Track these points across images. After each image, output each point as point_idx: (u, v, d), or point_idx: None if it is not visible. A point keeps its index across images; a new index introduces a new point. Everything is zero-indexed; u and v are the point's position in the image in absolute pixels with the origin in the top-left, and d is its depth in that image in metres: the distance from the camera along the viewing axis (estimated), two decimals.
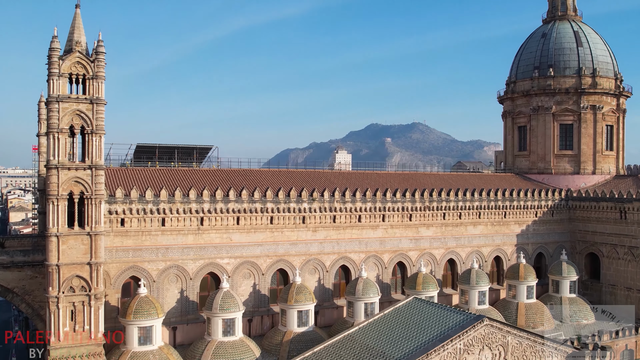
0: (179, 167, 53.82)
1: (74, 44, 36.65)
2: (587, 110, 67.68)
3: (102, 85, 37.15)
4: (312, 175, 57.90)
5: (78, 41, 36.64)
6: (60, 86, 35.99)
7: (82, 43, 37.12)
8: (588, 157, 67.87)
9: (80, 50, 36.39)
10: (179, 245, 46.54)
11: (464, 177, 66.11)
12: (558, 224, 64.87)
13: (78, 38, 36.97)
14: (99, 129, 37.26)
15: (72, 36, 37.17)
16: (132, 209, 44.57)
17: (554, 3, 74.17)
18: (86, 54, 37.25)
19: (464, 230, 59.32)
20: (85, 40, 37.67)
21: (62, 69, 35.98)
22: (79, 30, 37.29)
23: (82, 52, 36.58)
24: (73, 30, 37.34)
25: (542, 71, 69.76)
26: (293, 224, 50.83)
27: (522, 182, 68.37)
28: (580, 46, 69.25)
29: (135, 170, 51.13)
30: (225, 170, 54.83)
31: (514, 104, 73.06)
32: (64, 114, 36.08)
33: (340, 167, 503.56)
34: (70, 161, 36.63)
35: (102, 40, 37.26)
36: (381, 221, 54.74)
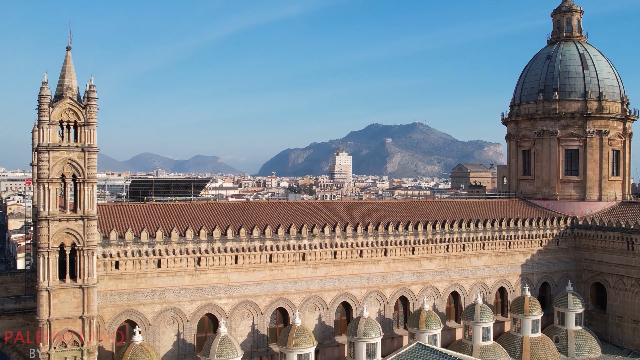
0: (175, 201, 52.54)
1: (64, 89, 35.30)
2: (593, 135, 66.29)
3: (94, 132, 35.81)
4: (311, 207, 56.57)
5: (69, 87, 35.29)
6: (51, 134, 34.65)
7: (74, 88, 35.77)
8: (594, 183, 66.47)
9: (71, 96, 35.04)
10: (175, 286, 45.23)
11: (468, 205, 64.77)
12: (563, 253, 63.55)
13: (69, 83, 35.61)
14: (91, 178, 35.92)
15: (62, 80, 35.83)
16: (127, 251, 43.26)
17: (559, 24, 72.69)
18: (78, 98, 35.92)
19: (468, 262, 58.00)
20: (77, 84, 36.32)
21: (52, 116, 34.64)
22: (70, 75, 35.93)
23: (73, 98, 35.23)
24: (64, 75, 35.98)
25: (547, 94, 68.33)
26: (293, 261, 49.52)
27: (526, 208, 67.03)
28: (586, 69, 67.81)
29: (130, 206, 49.84)
30: (222, 204, 53.55)
31: (518, 127, 71.67)
32: (55, 163, 34.74)
33: (341, 170, 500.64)
34: (61, 212, 35.28)
35: (94, 86, 35.92)
36: (383, 255, 53.41)
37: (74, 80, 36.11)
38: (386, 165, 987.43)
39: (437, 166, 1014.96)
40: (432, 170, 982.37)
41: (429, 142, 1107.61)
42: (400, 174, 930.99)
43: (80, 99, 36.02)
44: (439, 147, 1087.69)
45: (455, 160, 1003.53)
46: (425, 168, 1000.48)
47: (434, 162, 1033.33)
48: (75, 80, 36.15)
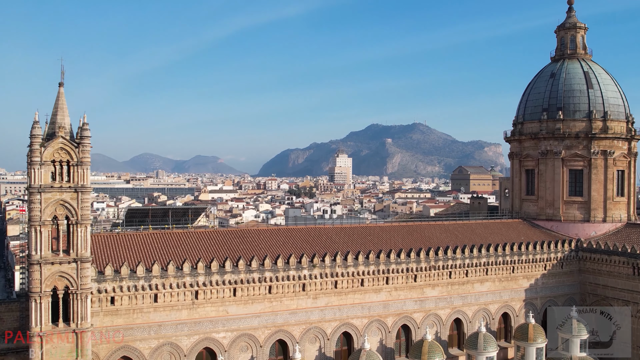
0: (173, 229, 51.45)
1: (57, 127, 34.25)
2: (598, 155, 65.19)
3: (88, 171, 34.74)
4: (311, 233, 55.47)
5: (61, 125, 34.23)
6: (42, 175, 33.58)
7: (66, 126, 34.72)
8: (598, 204, 65.38)
9: (63, 135, 33.98)
10: (172, 321, 44.17)
11: (470, 227, 63.69)
12: (567, 276, 62.51)
13: (61, 121, 34.55)
14: (85, 219, 34.85)
15: (55, 118, 34.77)
16: (122, 286, 42.18)
17: (563, 41, 71.56)
18: (71, 136, 34.85)
19: (471, 288, 56.97)
20: (70, 121, 35.25)
21: (44, 156, 33.58)
22: (63, 112, 34.87)
23: (65, 137, 34.16)
24: (56, 112, 34.92)
25: (551, 114, 67.23)
26: (293, 292, 48.46)
27: (530, 229, 65.97)
28: (591, 88, 66.69)
29: (126, 235, 48.72)
30: (220, 231, 52.47)
31: (522, 145, 70.56)
32: (47, 205, 33.68)
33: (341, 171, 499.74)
34: (53, 255, 34.23)
35: (87, 124, 34.86)
36: (385, 284, 52.36)
37: (67, 117, 35.04)
38: (386, 166, 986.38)
39: (437, 166, 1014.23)
40: (432, 170, 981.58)
41: (429, 142, 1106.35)
42: (400, 174, 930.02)
43: (73, 137, 34.96)
44: (439, 148, 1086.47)
45: (455, 160, 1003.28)
46: (425, 168, 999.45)
47: (434, 162, 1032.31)
48: (67, 118, 35.09)
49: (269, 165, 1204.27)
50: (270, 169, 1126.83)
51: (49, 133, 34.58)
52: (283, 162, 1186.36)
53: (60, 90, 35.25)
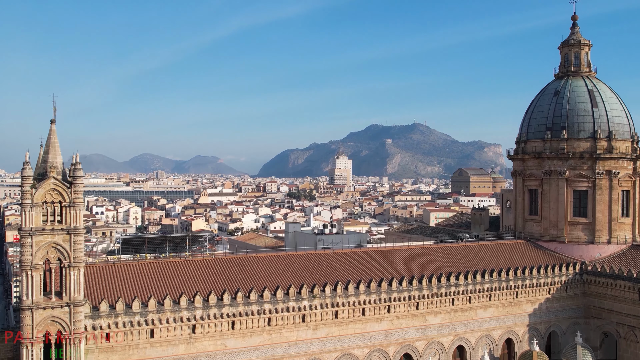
0: (170, 258, 50.37)
1: (48, 167, 33.18)
2: (603, 176, 64.08)
3: (80, 212, 33.65)
4: (311, 260, 54.38)
5: (53, 164, 33.16)
6: (34, 218, 32.50)
7: (58, 165, 33.63)
8: (603, 225, 64.29)
9: (55, 175, 32.89)
10: (169, 356, 43.09)
11: (473, 250, 62.62)
12: (572, 300, 61.44)
13: (53, 160, 33.48)
14: (78, 261, 33.78)
15: (47, 157, 33.69)
16: (117, 322, 41.11)
17: (566, 57, 70.43)
18: (63, 175, 33.76)
19: (474, 314, 55.94)
20: (62, 159, 34.16)
21: (35, 198, 32.51)
22: (55, 150, 33.79)
23: (57, 177, 33.07)
24: (48, 150, 33.85)
25: (555, 133, 66.11)
26: (292, 324, 47.42)
27: (533, 251, 64.90)
28: (595, 107, 65.58)
29: (122, 265, 47.60)
30: (219, 260, 51.34)
31: (525, 164, 69.45)
32: (38, 248, 32.61)
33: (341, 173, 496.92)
34: (45, 299, 33.17)
35: (79, 163, 33.78)
36: (386, 312, 51.33)
37: (59, 155, 33.97)
38: (386, 166, 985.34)
39: (437, 167, 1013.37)
40: (432, 171, 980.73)
41: (429, 142, 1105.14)
42: (400, 174, 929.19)
43: (65, 176, 33.86)
44: (439, 148, 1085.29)
45: (455, 161, 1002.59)
46: (425, 169, 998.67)
47: (434, 162, 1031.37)
48: (60, 156, 34.02)
49: (269, 166, 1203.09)
50: (270, 169, 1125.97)
51: (41, 172, 33.51)
52: (283, 163, 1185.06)
53: (52, 128, 34.15)
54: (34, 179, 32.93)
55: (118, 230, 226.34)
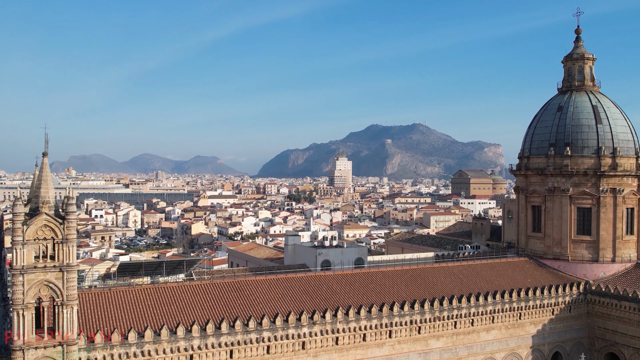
0: (167, 283, 49.33)
1: (40, 202, 32.18)
2: (607, 193, 63.11)
3: (73, 248, 32.67)
4: (311, 283, 53.35)
5: (45, 199, 32.18)
6: (25, 255, 31.52)
7: (51, 200, 32.65)
8: (607, 243, 63.32)
9: (47, 212, 31.89)
10: None
11: (476, 269, 61.60)
12: (576, 320, 60.53)
13: (45, 194, 32.50)
14: (71, 299, 32.81)
15: (38, 191, 32.71)
16: (113, 354, 40.10)
17: (570, 72, 69.42)
18: (56, 210, 32.77)
19: (477, 337, 55.00)
20: (54, 194, 33.18)
21: (27, 235, 31.53)
22: (47, 184, 32.81)
23: (49, 213, 32.07)
24: (40, 184, 32.86)
25: (559, 149, 65.11)
26: (292, 351, 46.45)
27: (537, 270, 63.94)
28: (600, 123, 64.58)
29: (118, 292, 46.54)
30: (217, 284, 50.23)
31: (528, 180, 68.46)
32: (30, 287, 31.64)
33: (341, 175, 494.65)
34: (38, 338, 32.20)
35: (72, 198, 32.79)
36: (388, 337, 50.37)
37: (51, 189, 32.98)
38: (386, 167, 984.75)
39: (437, 167, 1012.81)
40: (432, 171, 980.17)
41: (429, 143, 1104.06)
42: (400, 175, 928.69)
43: (58, 211, 32.87)
44: (439, 148, 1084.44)
45: (455, 161, 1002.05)
46: (425, 169, 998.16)
47: (434, 163, 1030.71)
48: (52, 190, 33.03)
49: (269, 166, 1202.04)
50: (270, 169, 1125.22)
51: (32, 208, 32.53)
52: (283, 163, 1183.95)
53: (44, 161, 33.19)
54: (25, 214, 31.93)
55: (117, 234, 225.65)
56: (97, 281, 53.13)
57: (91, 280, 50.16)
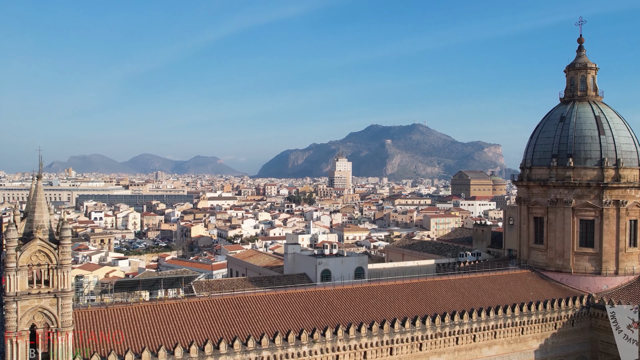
0: (165, 300, 48.63)
1: (34, 226, 31.47)
2: (610, 205, 62.43)
3: (68, 273, 31.98)
4: (311, 299, 52.63)
5: (39, 224, 31.46)
6: (19, 282, 30.83)
7: (45, 224, 31.95)
8: (610, 255, 62.66)
9: (41, 237, 31.19)
10: None
11: (477, 282, 60.96)
12: (578, 334, 59.85)
13: (39, 219, 31.79)
14: (66, 325, 32.13)
15: (32, 216, 32.01)
16: None
17: (572, 81, 68.72)
18: (50, 234, 32.07)
19: (479, 353, 54.32)
20: (48, 217, 32.47)
21: (20, 261, 30.83)
22: (41, 208, 32.11)
23: (44, 238, 31.37)
24: (34, 208, 32.16)
25: (561, 160, 64.44)
26: None
27: (539, 282, 63.29)
28: (603, 134, 63.90)
29: (115, 310, 45.86)
30: (215, 301, 49.52)
31: (530, 191, 67.77)
32: (24, 314, 30.96)
33: (341, 176, 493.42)
34: None
35: (66, 222, 32.08)
36: (389, 355, 49.66)
37: (45, 213, 32.28)
38: (386, 167, 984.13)
39: (437, 167, 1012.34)
40: (431, 171, 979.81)
41: (428, 143, 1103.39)
42: (400, 175, 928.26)
43: (52, 235, 32.18)
44: (439, 148, 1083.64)
45: (455, 161, 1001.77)
46: (425, 169, 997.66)
47: (434, 163, 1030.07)
48: (46, 214, 32.33)
49: (269, 166, 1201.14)
50: (270, 169, 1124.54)
51: (26, 232, 31.83)
52: (283, 163, 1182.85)
53: (39, 184, 32.50)
54: (19, 239, 31.24)
55: (117, 236, 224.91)
56: (95, 295, 52.51)
57: (88, 291, 49.48)
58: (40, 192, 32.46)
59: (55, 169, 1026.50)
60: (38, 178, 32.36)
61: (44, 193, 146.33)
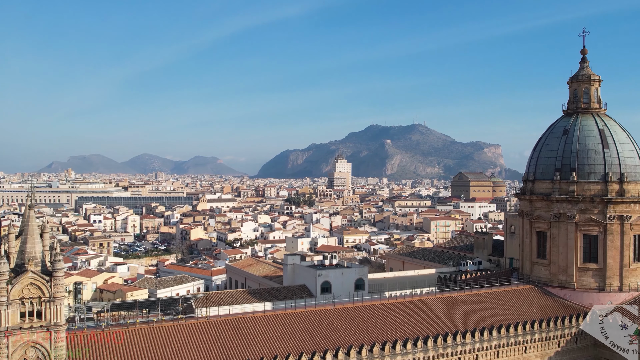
0: (162, 322, 47.70)
1: (26, 258, 30.57)
2: (614, 220, 61.56)
3: (61, 306, 31.07)
4: (310, 319, 51.74)
5: (31, 256, 30.56)
6: (10, 316, 29.94)
7: (37, 255, 31.06)
8: (614, 271, 61.80)
9: (33, 269, 30.30)
10: None
11: (479, 299, 60.06)
12: (582, 351, 59.03)
13: (31, 250, 30.91)
14: None
15: (24, 247, 31.12)
16: None
17: (576, 93, 67.82)
18: (43, 266, 31.17)
19: None
20: (40, 248, 31.56)
21: (12, 295, 29.95)
22: (33, 239, 31.21)
23: (36, 271, 30.47)
24: (26, 239, 31.26)
25: (564, 174, 63.54)
26: None
27: (542, 298, 62.44)
28: (607, 147, 63.01)
29: (111, 334, 44.94)
30: (214, 322, 48.65)
31: (532, 205, 66.86)
32: (15, 349, 30.10)
33: (341, 177, 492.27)
34: None
35: (59, 253, 31.19)
36: None
37: (37, 244, 31.39)
38: (385, 167, 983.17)
39: (437, 167, 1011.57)
40: (431, 171, 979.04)
41: (428, 143, 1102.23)
42: (399, 175, 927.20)
43: (45, 266, 31.28)
44: (439, 149, 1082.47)
45: (454, 161, 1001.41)
46: (424, 169, 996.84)
47: (434, 163, 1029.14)
48: (39, 245, 31.43)
49: (269, 166, 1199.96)
50: (270, 169, 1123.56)
51: (18, 264, 30.93)
52: (282, 163, 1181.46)
53: (31, 214, 31.59)
54: (10, 271, 30.34)
55: (116, 239, 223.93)
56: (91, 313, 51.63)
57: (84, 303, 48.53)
58: (32, 221, 31.53)
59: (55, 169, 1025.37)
60: (30, 208, 31.44)
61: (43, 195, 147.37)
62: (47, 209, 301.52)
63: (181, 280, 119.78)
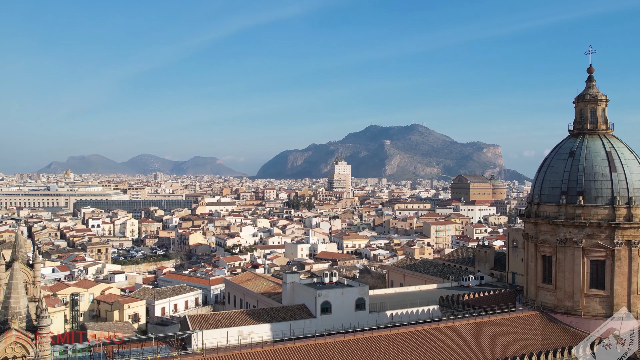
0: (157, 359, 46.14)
1: (10, 315, 28.89)
2: (622, 246, 59.93)
3: None
4: (310, 353, 50.16)
5: (16, 311, 28.89)
6: None
7: (22, 311, 29.37)
8: (622, 298, 60.18)
9: (17, 327, 28.62)
10: None
11: (484, 328, 58.45)
12: None
13: (16, 305, 29.22)
14: None
15: (8, 302, 29.40)
16: None
17: (582, 113, 66.16)
18: (28, 321, 29.49)
19: None
20: (25, 303, 29.88)
21: None
22: (17, 293, 29.51)
23: (20, 329, 28.80)
24: (9, 294, 29.55)
25: (571, 198, 61.89)
26: None
27: (548, 326, 60.81)
28: (614, 171, 61.34)
29: None
30: (211, 358, 47.14)
31: (538, 229, 65.19)
32: None
33: (340, 179, 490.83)
34: None
35: (45, 309, 29.51)
36: None
37: (22, 299, 29.70)
38: (385, 168, 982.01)
39: (436, 168, 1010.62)
40: (431, 172, 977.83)
41: (428, 143, 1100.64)
42: (399, 176, 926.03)
43: (30, 321, 29.60)
44: (438, 149, 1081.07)
45: (454, 162, 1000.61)
46: (424, 170, 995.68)
47: (433, 164, 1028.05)
48: (24, 299, 29.73)
49: (268, 167, 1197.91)
50: (269, 170, 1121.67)
51: (1, 320, 29.23)
52: (282, 164, 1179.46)
53: (15, 267, 29.90)
54: None
55: (114, 244, 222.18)
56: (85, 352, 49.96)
57: None
58: (16, 275, 29.86)
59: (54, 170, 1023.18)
60: (14, 261, 29.79)
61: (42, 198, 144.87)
62: (46, 213, 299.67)
63: (179, 291, 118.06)
